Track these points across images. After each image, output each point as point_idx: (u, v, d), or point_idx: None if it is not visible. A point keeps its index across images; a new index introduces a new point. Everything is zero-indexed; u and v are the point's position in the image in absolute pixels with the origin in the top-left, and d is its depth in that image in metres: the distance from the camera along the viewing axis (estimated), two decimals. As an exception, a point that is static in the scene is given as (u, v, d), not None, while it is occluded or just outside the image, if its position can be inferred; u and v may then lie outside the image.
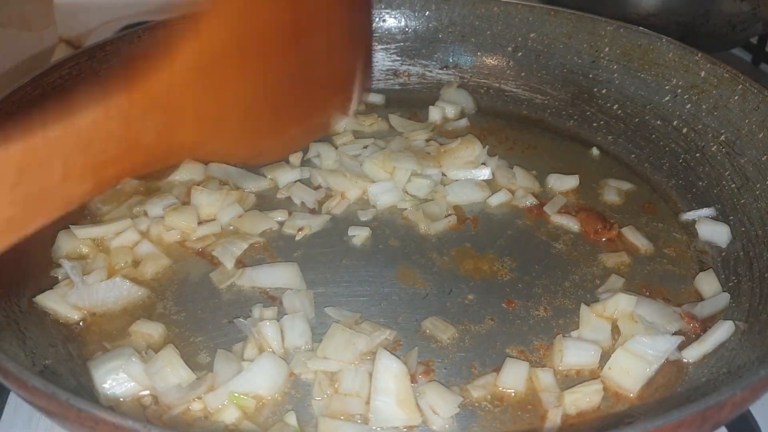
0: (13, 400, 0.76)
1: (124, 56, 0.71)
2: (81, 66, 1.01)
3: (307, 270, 0.86)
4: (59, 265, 0.84)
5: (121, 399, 0.71)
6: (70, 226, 0.88)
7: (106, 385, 0.71)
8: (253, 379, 0.71)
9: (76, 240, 0.87)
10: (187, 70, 0.61)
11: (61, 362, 0.73)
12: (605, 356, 0.76)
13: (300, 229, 0.93)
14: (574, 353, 0.75)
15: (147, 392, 0.71)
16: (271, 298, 0.83)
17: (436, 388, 0.71)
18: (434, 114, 1.17)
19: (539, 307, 0.83)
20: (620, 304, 0.78)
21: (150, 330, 0.77)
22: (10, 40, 1.41)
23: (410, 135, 1.10)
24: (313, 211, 0.97)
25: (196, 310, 0.82)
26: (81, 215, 0.93)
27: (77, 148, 0.53)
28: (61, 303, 0.79)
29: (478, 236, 0.94)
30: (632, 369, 0.73)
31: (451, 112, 1.18)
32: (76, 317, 0.79)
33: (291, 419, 0.69)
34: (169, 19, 1.12)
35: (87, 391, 0.71)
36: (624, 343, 0.75)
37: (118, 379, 0.71)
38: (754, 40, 1.43)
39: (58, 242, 0.87)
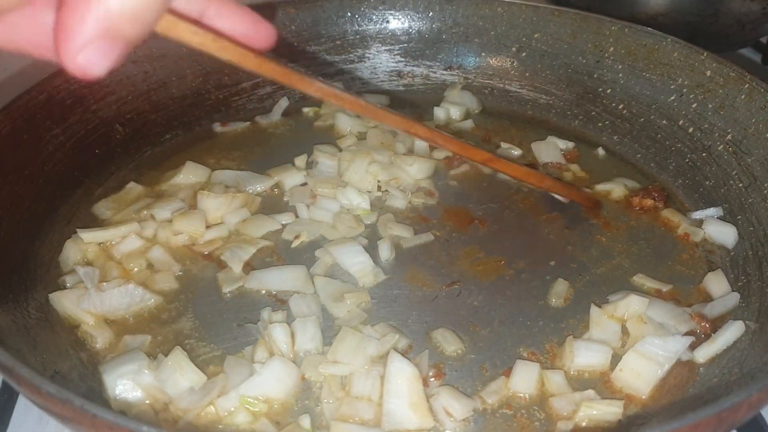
0: (23, 403, 0.76)
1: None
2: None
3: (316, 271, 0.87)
4: (68, 273, 0.84)
5: (133, 403, 0.70)
6: (77, 230, 0.88)
7: (117, 390, 0.70)
8: (264, 383, 0.71)
9: (84, 246, 0.87)
10: None
11: (72, 367, 0.73)
12: (614, 358, 0.76)
13: (297, 237, 0.92)
14: (585, 354, 0.75)
15: (158, 398, 0.71)
16: (280, 302, 0.83)
17: (449, 389, 0.71)
18: (439, 115, 1.17)
19: (549, 308, 0.83)
20: (632, 305, 0.78)
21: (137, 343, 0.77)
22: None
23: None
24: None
25: (205, 314, 0.81)
26: (87, 222, 0.93)
27: None
28: (77, 303, 0.79)
29: (487, 237, 0.93)
30: (643, 370, 0.73)
31: (455, 113, 1.18)
32: (90, 321, 0.79)
33: (305, 422, 0.68)
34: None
35: (97, 395, 0.71)
36: (634, 345, 0.75)
37: (129, 383, 0.71)
38: (763, 40, 1.43)
39: (66, 251, 0.87)
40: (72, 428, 0.58)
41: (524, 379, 0.73)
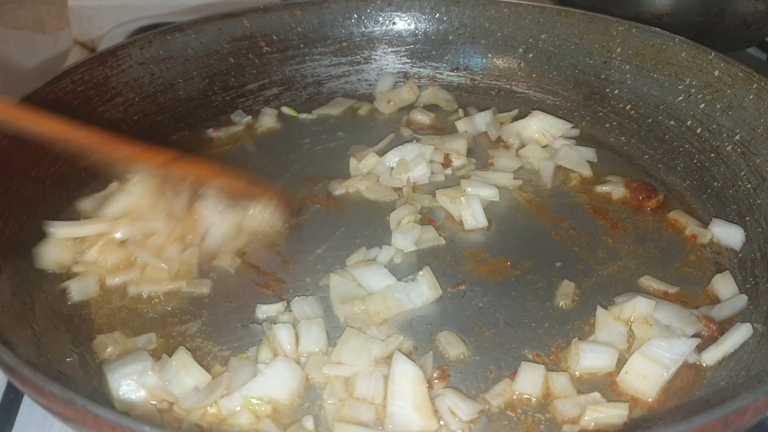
0: (28, 404, 0.77)
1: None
2: (93, 71, 1.01)
3: (320, 273, 0.86)
4: (69, 276, 0.84)
5: (137, 403, 0.70)
6: (47, 221, 0.85)
7: (121, 390, 0.70)
8: (267, 383, 0.71)
9: (62, 242, 0.85)
10: None
11: (76, 367, 0.73)
12: (620, 360, 0.75)
13: None
14: (591, 357, 0.75)
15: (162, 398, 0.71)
16: (278, 297, 0.83)
17: (454, 391, 0.71)
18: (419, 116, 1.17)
19: (554, 310, 0.82)
20: (638, 307, 0.78)
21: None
22: (26, 42, 1.42)
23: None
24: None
25: (209, 314, 0.81)
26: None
27: None
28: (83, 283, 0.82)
29: (492, 238, 0.93)
30: (649, 373, 0.72)
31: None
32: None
33: (308, 423, 0.68)
34: (180, 24, 1.12)
35: (101, 395, 0.71)
36: (640, 347, 0.74)
37: (132, 384, 0.71)
38: (769, 39, 1.42)
39: (46, 250, 0.85)
40: (75, 428, 0.58)
41: (529, 381, 0.73)
